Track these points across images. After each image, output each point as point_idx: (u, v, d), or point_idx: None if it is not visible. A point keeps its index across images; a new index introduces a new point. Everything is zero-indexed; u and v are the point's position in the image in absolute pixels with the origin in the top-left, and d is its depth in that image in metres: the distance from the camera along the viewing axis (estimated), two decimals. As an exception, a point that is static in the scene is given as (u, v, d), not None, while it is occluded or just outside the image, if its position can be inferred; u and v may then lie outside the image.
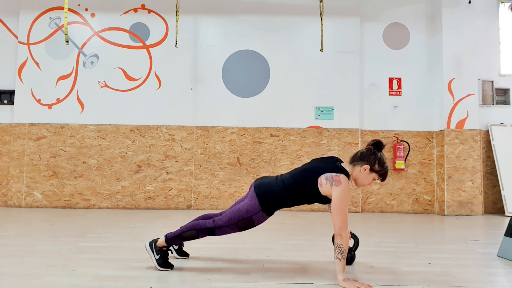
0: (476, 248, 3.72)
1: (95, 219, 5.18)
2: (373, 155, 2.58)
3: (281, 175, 2.77)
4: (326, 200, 2.64)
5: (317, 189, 2.57)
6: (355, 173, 2.62)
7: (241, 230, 2.72)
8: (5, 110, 6.58)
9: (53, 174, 6.39)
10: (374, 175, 2.59)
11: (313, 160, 2.79)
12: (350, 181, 2.59)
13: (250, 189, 2.78)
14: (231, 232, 2.72)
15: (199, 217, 2.92)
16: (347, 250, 2.44)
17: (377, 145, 2.62)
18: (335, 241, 2.46)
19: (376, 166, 2.57)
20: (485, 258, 3.31)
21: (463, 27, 6.48)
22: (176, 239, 2.74)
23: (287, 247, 3.59)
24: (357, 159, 2.61)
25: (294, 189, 2.63)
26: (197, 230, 2.70)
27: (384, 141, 2.62)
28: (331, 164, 2.62)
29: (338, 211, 2.47)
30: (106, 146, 6.45)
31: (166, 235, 2.75)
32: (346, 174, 2.57)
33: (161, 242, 2.74)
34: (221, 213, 2.87)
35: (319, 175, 2.57)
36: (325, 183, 2.54)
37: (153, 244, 2.75)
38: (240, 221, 2.66)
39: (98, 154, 6.44)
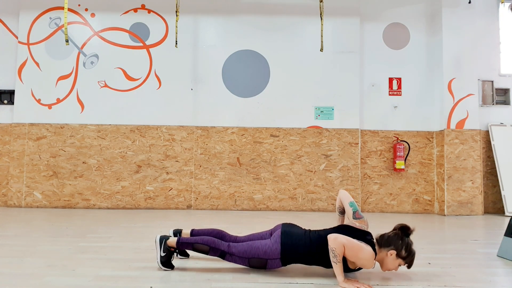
0: (476, 248, 3.72)
1: (95, 219, 5.18)
2: (400, 241, 2.52)
3: (310, 231, 2.71)
4: (347, 268, 2.56)
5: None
6: (381, 256, 2.55)
7: (250, 267, 2.70)
8: (5, 110, 6.58)
9: (53, 174, 6.39)
10: (400, 260, 2.53)
11: (345, 226, 2.70)
12: (375, 261, 2.54)
13: (275, 230, 2.74)
14: (240, 264, 2.70)
15: (214, 230, 2.92)
16: (340, 254, 2.43)
17: (404, 230, 2.56)
18: (328, 244, 2.46)
19: (403, 252, 2.50)
20: (485, 258, 3.31)
21: (463, 27, 6.48)
22: (187, 246, 2.73)
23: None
24: (385, 243, 2.55)
25: (319, 250, 2.58)
26: (210, 248, 2.68)
27: (411, 226, 2.54)
28: (362, 238, 2.56)
29: (350, 239, 2.44)
30: (106, 146, 6.45)
31: (179, 238, 2.74)
32: (374, 250, 2.52)
33: (172, 242, 2.73)
34: (236, 238, 2.87)
35: None
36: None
37: (163, 240, 2.73)
38: (255, 259, 2.63)
39: (98, 154, 6.44)
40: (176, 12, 6.13)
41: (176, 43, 6.26)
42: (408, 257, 2.51)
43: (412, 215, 6.23)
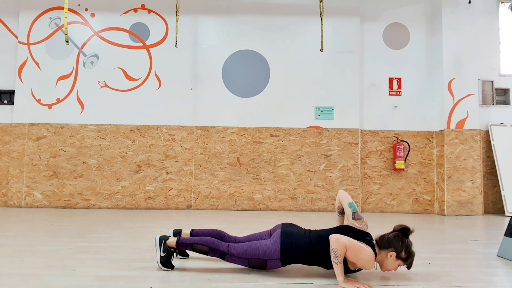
0: (476, 248, 3.72)
1: (95, 219, 5.18)
2: (400, 242, 2.52)
3: (310, 231, 2.71)
4: (347, 268, 2.56)
5: None
6: (381, 257, 2.56)
7: (250, 267, 2.69)
8: (5, 110, 6.58)
9: (53, 174, 6.39)
10: (400, 262, 2.53)
11: (345, 227, 2.70)
12: (375, 261, 2.54)
13: (275, 230, 2.74)
14: (239, 265, 2.70)
15: (214, 231, 2.92)
16: (342, 255, 2.43)
17: (404, 231, 2.56)
18: (330, 244, 2.46)
19: (403, 253, 2.51)
20: (485, 258, 3.31)
21: (463, 27, 6.48)
22: (187, 246, 2.73)
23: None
24: (385, 244, 2.55)
25: (319, 251, 2.58)
26: (209, 248, 2.68)
27: (411, 227, 2.55)
28: (363, 239, 2.56)
29: (351, 239, 2.44)
30: (106, 146, 6.45)
31: (179, 238, 2.74)
32: (374, 251, 2.52)
33: (172, 243, 2.73)
34: (235, 239, 2.87)
35: None
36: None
37: (163, 241, 2.73)
38: (254, 259, 2.63)
39: (98, 154, 6.44)
40: (176, 12, 6.13)
41: (176, 43, 6.26)
42: (408, 259, 2.52)
43: (412, 215, 6.23)
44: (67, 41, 5.15)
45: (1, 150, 6.49)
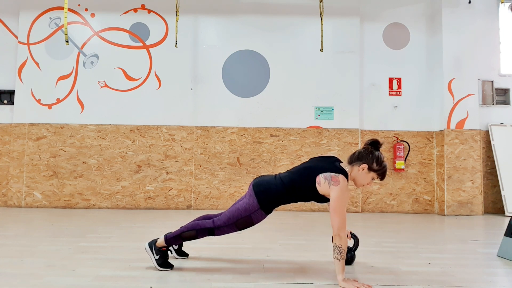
0: (476, 248, 3.72)
1: (95, 219, 5.18)
2: (370, 154, 2.57)
3: (279, 173, 2.77)
4: (323, 199, 2.65)
5: (315, 188, 2.58)
6: (353, 173, 2.61)
7: (241, 229, 2.72)
8: (5, 110, 6.58)
9: (53, 174, 6.39)
10: (373, 174, 2.59)
11: (312, 159, 2.79)
12: (348, 181, 2.59)
13: (249, 188, 2.78)
14: (231, 232, 2.72)
15: (199, 217, 2.92)
16: (346, 250, 2.44)
17: (374, 144, 2.61)
18: (333, 241, 2.46)
19: (374, 165, 2.56)
20: (485, 258, 3.31)
21: (463, 27, 6.48)
22: (176, 239, 2.74)
23: (287, 247, 3.59)
24: (355, 159, 2.61)
25: (292, 188, 2.64)
26: (196, 231, 2.70)
27: (381, 140, 2.62)
28: (330, 164, 2.62)
29: (336, 211, 2.48)
30: (106, 146, 6.45)
31: (166, 235, 2.75)
32: (345, 174, 2.57)
33: (161, 242, 2.74)
34: (220, 214, 2.88)
35: (318, 174, 2.58)
36: (324, 182, 2.54)
37: (152, 244, 2.76)
38: (239, 220, 2.66)
39: (98, 154, 6.44)
40: (176, 12, 6.14)
41: (176, 43, 6.26)
42: (380, 169, 2.57)
43: (412, 215, 6.23)
44: (67, 41, 5.16)
45: (1, 150, 6.49)
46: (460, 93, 6.42)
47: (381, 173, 2.60)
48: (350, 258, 2.98)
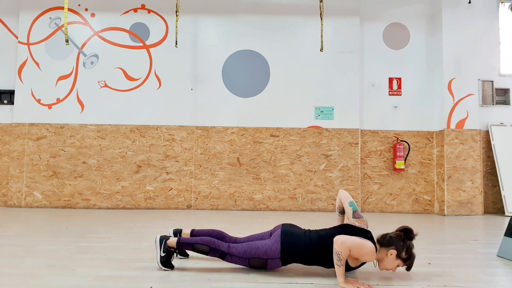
0: (476, 248, 3.72)
1: (95, 219, 5.18)
2: (402, 242, 2.53)
3: (310, 230, 2.72)
4: (348, 266, 2.58)
5: None
6: (380, 255, 2.56)
7: (251, 267, 2.70)
8: (5, 110, 6.58)
9: (53, 174, 6.39)
10: (400, 261, 2.53)
11: (345, 226, 2.70)
12: (375, 258, 2.55)
13: (275, 230, 2.74)
14: (240, 265, 2.70)
15: (215, 231, 2.91)
16: (345, 258, 2.43)
17: (407, 232, 2.56)
18: (334, 247, 2.45)
19: (403, 254, 2.51)
20: (485, 258, 3.31)
21: (463, 27, 6.48)
22: (187, 246, 2.72)
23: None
24: (386, 242, 2.55)
25: (319, 250, 2.59)
26: (210, 248, 2.68)
27: (415, 230, 2.55)
28: (364, 236, 2.58)
29: (352, 238, 2.44)
30: (106, 146, 6.45)
31: (179, 238, 2.74)
32: (375, 247, 2.53)
33: (172, 243, 2.73)
34: (236, 239, 2.87)
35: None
36: None
37: (164, 241, 2.73)
38: (255, 259, 2.64)
39: (98, 154, 6.44)
40: (176, 12, 6.13)
41: (176, 43, 6.26)
42: (408, 259, 2.52)
43: (412, 215, 6.23)
44: (67, 41, 5.16)
45: (1, 150, 6.49)
46: (460, 93, 6.42)
47: (408, 264, 2.55)
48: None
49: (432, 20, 6.74)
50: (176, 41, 6.25)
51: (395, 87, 6.73)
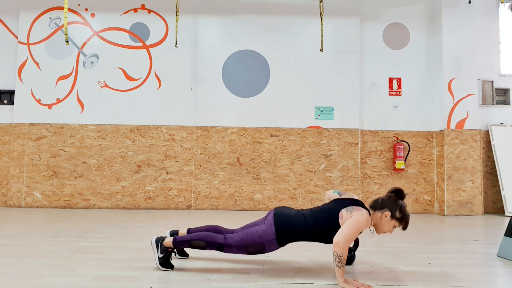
0: (476, 248, 3.72)
1: (95, 219, 5.18)
2: (394, 202, 2.57)
3: (302, 209, 2.76)
4: None
5: (337, 224, 2.56)
6: (375, 219, 2.60)
7: (250, 254, 2.70)
8: (5, 110, 6.58)
9: (53, 174, 6.39)
10: (395, 222, 2.57)
11: (335, 200, 2.73)
12: (371, 223, 2.58)
13: (268, 215, 2.76)
14: (239, 253, 2.70)
15: (211, 227, 2.91)
16: (345, 259, 2.43)
17: (398, 193, 2.62)
18: (334, 249, 2.43)
19: (397, 213, 2.56)
20: (485, 258, 3.31)
21: (463, 27, 6.48)
22: (184, 244, 2.72)
23: (287, 247, 3.58)
24: (379, 205, 2.60)
25: (313, 225, 2.61)
26: (206, 242, 2.68)
27: (405, 190, 2.61)
28: (355, 203, 2.62)
29: (347, 229, 2.44)
30: (106, 146, 6.46)
31: (175, 237, 2.74)
32: (368, 213, 2.57)
33: (168, 243, 2.72)
34: (232, 231, 2.87)
35: (340, 210, 2.58)
36: (345, 213, 2.54)
37: (160, 242, 2.73)
38: (252, 244, 2.64)
39: (98, 154, 6.44)
40: (176, 12, 6.14)
41: (176, 43, 6.26)
42: (403, 218, 2.57)
43: (412, 215, 6.23)
44: (67, 41, 5.16)
45: (1, 150, 6.49)
46: (460, 93, 6.42)
47: (404, 223, 2.59)
48: (350, 258, 2.98)
49: (432, 20, 6.74)
50: (176, 41, 6.25)
51: (395, 87, 6.73)
